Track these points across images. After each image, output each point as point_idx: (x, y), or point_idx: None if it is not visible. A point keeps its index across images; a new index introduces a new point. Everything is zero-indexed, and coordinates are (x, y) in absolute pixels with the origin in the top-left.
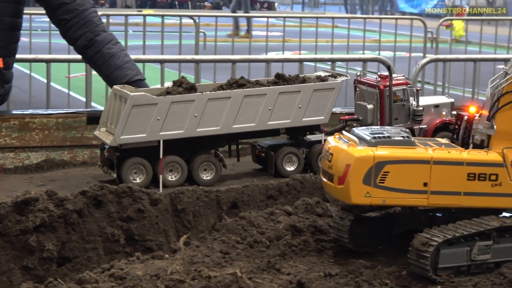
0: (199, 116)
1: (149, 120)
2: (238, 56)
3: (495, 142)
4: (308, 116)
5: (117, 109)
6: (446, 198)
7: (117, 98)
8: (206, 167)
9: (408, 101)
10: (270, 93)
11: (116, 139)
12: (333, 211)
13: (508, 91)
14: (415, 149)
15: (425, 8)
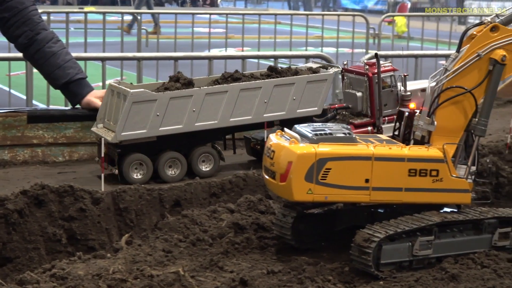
0: (197, 110)
1: (149, 116)
2: (180, 54)
3: (435, 138)
4: (302, 108)
5: (115, 105)
6: (387, 194)
7: (114, 95)
8: (205, 158)
9: (396, 86)
10: (265, 86)
11: (117, 135)
12: (276, 208)
13: (448, 87)
14: (356, 145)
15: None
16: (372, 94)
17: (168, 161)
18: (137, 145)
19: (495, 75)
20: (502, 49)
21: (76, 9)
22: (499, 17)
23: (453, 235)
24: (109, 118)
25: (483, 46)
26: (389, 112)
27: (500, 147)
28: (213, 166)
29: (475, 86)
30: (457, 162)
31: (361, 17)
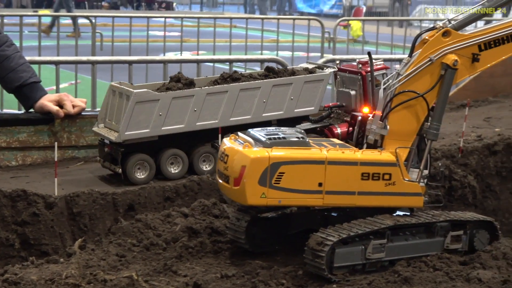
0: (198, 110)
1: (152, 116)
2: (135, 57)
3: (388, 142)
4: (300, 107)
5: (117, 105)
6: (340, 197)
7: (116, 95)
8: (205, 158)
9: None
10: (264, 86)
11: (121, 135)
12: (230, 212)
13: (400, 91)
14: (310, 149)
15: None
16: (366, 92)
17: (170, 158)
18: (140, 144)
19: (447, 79)
20: (453, 54)
21: (30, 12)
22: (451, 22)
23: (405, 238)
24: (110, 118)
25: (435, 51)
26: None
27: (453, 151)
28: (214, 166)
29: (427, 90)
30: (409, 165)
31: (316, 21)
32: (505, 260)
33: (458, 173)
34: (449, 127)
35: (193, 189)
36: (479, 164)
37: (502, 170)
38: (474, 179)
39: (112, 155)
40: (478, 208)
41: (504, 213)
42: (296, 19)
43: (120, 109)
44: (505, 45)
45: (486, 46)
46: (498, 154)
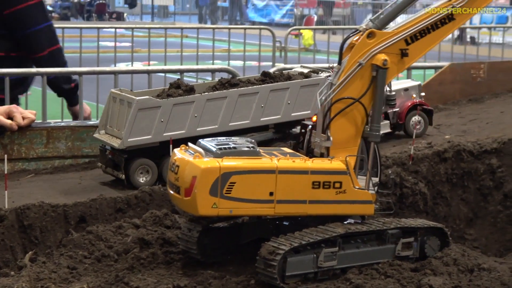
0: (199, 116)
1: (154, 122)
2: (85, 68)
3: (334, 152)
4: (296, 111)
5: (119, 112)
6: (292, 206)
7: (116, 102)
8: None
9: None
10: (262, 91)
11: (124, 141)
12: (182, 223)
13: (337, 99)
14: (260, 159)
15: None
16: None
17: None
18: (142, 150)
19: (379, 80)
20: (382, 54)
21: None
22: (374, 22)
23: (357, 246)
24: (111, 125)
25: (363, 54)
26: None
27: (403, 158)
28: None
29: (362, 94)
30: (356, 173)
31: (267, 30)
32: (456, 266)
33: (409, 180)
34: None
35: (145, 200)
36: (429, 171)
37: (452, 177)
38: (425, 186)
39: (114, 161)
40: (429, 215)
41: (455, 220)
42: (247, 28)
43: (122, 116)
44: (431, 34)
45: (412, 39)
46: (448, 161)
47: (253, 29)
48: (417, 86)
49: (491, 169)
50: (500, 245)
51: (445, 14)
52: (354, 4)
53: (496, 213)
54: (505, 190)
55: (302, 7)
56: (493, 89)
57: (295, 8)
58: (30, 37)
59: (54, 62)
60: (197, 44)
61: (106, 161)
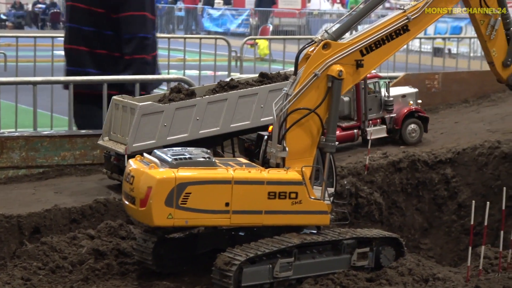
0: (201, 119)
1: (157, 127)
2: (40, 78)
3: (290, 162)
4: None
5: (122, 119)
6: (247, 217)
7: (119, 109)
8: None
9: (379, 92)
10: (261, 92)
11: (129, 147)
12: (137, 234)
13: (293, 110)
14: (216, 169)
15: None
16: (359, 99)
17: None
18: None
19: (335, 90)
20: (337, 65)
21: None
22: (329, 33)
23: (313, 256)
24: (115, 131)
25: (319, 65)
26: (374, 116)
27: (359, 168)
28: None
29: (318, 105)
30: (312, 183)
31: (223, 40)
32: (411, 276)
33: (364, 190)
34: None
35: (100, 210)
36: (384, 181)
37: (407, 186)
38: (380, 196)
39: (119, 167)
40: (384, 224)
41: (410, 229)
42: (203, 38)
43: (125, 122)
44: (386, 45)
45: (367, 50)
46: (403, 171)
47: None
48: (414, 93)
49: (446, 179)
50: (455, 255)
51: (400, 25)
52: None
53: (450, 222)
54: (459, 200)
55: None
56: (448, 100)
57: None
58: (125, 41)
59: (134, 68)
60: None
61: (111, 167)
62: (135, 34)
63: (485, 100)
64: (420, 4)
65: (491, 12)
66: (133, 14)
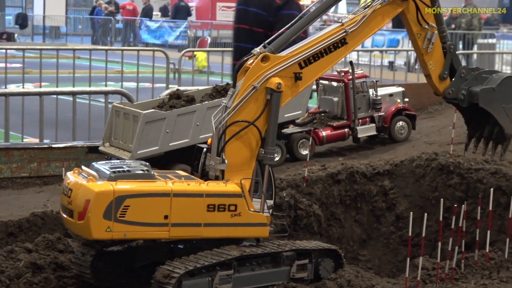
0: (201, 124)
1: (160, 134)
2: None
3: (229, 175)
4: (289, 112)
5: (123, 125)
6: (187, 230)
7: (120, 116)
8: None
9: (367, 92)
10: None
11: (134, 154)
12: (75, 247)
13: (232, 122)
14: (155, 182)
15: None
16: (348, 99)
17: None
18: (148, 160)
19: (273, 103)
20: (276, 77)
21: None
22: (268, 46)
23: (252, 268)
24: (116, 137)
25: (257, 77)
26: (363, 115)
27: (297, 180)
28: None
29: (257, 117)
30: (251, 195)
31: (161, 52)
32: (350, 287)
33: (303, 202)
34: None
35: (37, 224)
36: (323, 193)
37: (345, 198)
38: (319, 207)
39: None
40: (323, 236)
41: (349, 241)
42: (140, 50)
43: (127, 129)
44: (324, 58)
45: (306, 63)
46: (342, 183)
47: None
48: (401, 92)
49: (384, 191)
50: (393, 266)
51: (338, 38)
52: None
53: (388, 234)
54: (397, 212)
55: (195, 29)
56: None
57: (188, 30)
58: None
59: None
60: (89, 65)
61: None
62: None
63: (422, 113)
64: (357, 18)
65: (428, 26)
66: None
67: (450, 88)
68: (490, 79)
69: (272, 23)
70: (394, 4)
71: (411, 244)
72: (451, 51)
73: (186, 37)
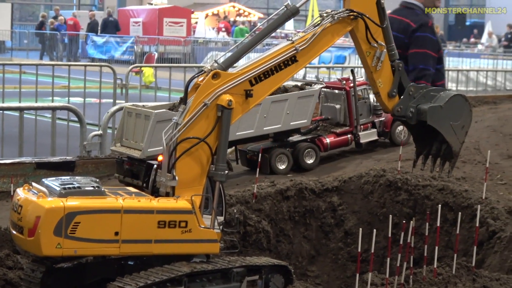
0: None
1: None
2: None
3: (180, 191)
4: (295, 120)
5: (135, 125)
6: (137, 246)
7: (132, 116)
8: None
9: (368, 98)
10: (264, 102)
11: (144, 152)
12: (24, 263)
13: (182, 139)
14: (105, 198)
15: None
16: (350, 106)
17: None
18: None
19: (224, 120)
20: (227, 94)
21: None
22: (218, 63)
23: (202, 284)
24: (128, 137)
25: (208, 94)
26: (364, 121)
27: (247, 196)
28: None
29: (208, 134)
30: (202, 212)
31: (108, 67)
32: None
33: (253, 218)
34: (243, 174)
35: None
36: (272, 209)
37: (294, 214)
38: (268, 224)
39: (132, 171)
40: (272, 252)
41: (298, 257)
42: (87, 65)
43: (139, 129)
44: (275, 76)
45: (257, 80)
46: (291, 199)
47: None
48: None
49: (332, 207)
50: (341, 282)
51: (288, 56)
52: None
53: (337, 250)
54: (346, 228)
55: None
56: None
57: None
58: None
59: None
60: (36, 80)
61: (124, 172)
62: (416, 66)
63: None
64: (308, 36)
65: (377, 44)
66: (417, 51)
67: (399, 105)
68: (438, 97)
69: (407, 44)
70: (344, 22)
71: (360, 260)
72: (400, 69)
73: (132, 52)
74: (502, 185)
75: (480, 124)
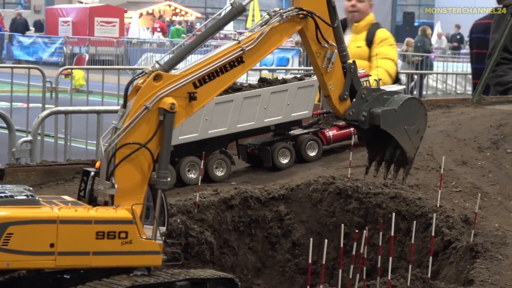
0: (209, 119)
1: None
2: None
3: (119, 200)
4: (296, 112)
5: None
6: (74, 258)
7: None
8: (218, 165)
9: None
10: (264, 93)
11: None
12: None
13: (122, 145)
14: (40, 208)
15: (42, 56)
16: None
17: (188, 165)
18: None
19: (167, 124)
20: (169, 97)
21: None
22: (160, 64)
23: None
24: None
25: (150, 97)
26: None
27: (188, 206)
28: (226, 172)
29: (149, 139)
30: (143, 222)
31: (36, 69)
32: None
33: (195, 229)
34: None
35: None
36: (216, 219)
37: (239, 224)
38: (211, 234)
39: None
40: (216, 264)
41: (243, 269)
42: (14, 67)
43: None
44: (220, 77)
45: (201, 82)
46: (235, 208)
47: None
48: (402, 90)
49: (279, 217)
50: None
51: (234, 57)
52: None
53: (284, 262)
54: (294, 238)
55: (72, 45)
56: None
57: (64, 46)
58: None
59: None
60: None
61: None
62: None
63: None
64: (254, 36)
65: (328, 45)
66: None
67: (351, 109)
68: (391, 100)
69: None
70: (293, 21)
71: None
72: (352, 71)
73: (62, 53)
74: (457, 193)
75: (433, 128)
